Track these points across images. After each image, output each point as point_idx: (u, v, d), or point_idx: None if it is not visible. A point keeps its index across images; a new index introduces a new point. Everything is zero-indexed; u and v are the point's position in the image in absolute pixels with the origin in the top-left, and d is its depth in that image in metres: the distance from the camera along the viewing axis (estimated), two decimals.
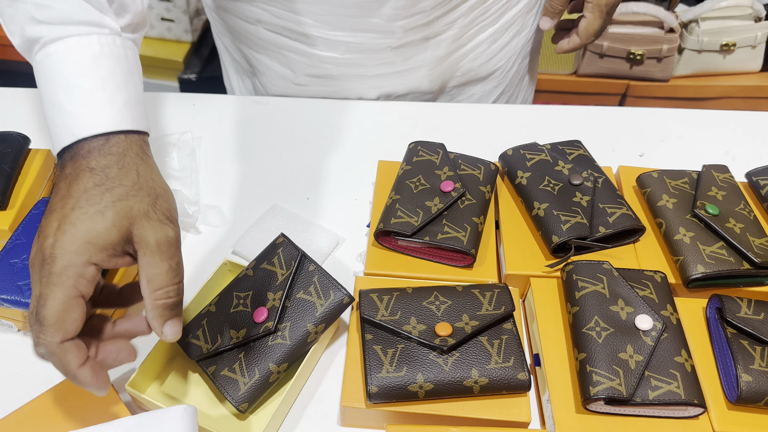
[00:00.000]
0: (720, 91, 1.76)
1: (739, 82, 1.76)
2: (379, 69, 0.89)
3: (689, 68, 1.74)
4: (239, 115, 0.92)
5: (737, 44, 1.69)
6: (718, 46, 1.69)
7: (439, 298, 0.62)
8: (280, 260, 0.63)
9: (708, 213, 0.69)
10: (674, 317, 0.62)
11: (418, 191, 0.71)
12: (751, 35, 1.69)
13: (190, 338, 0.61)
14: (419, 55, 0.88)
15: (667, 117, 0.95)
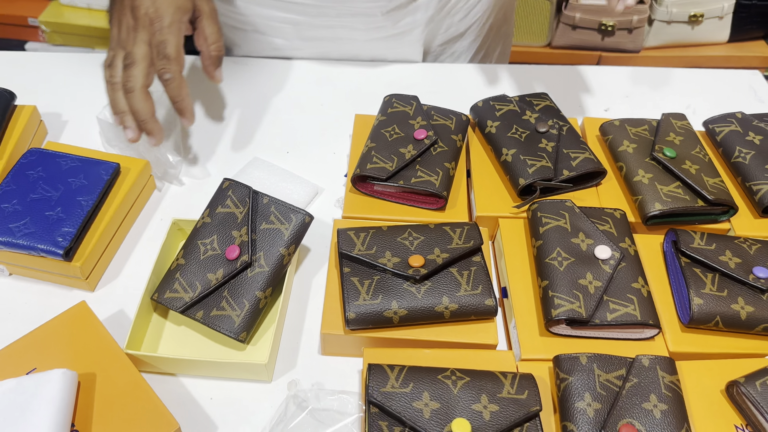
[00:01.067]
0: (689, 62, 1.82)
1: (707, 52, 1.81)
2: (371, 34, 0.92)
3: (659, 39, 1.79)
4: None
5: (705, 15, 1.74)
6: (686, 17, 1.74)
7: (413, 234, 0.66)
8: (234, 201, 0.66)
9: (665, 156, 0.74)
10: (632, 249, 0.67)
11: (392, 139, 0.75)
12: (718, 6, 1.74)
13: (168, 293, 0.63)
14: (409, 17, 0.91)
15: (633, 75, 0.99)
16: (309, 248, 0.74)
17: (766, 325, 0.62)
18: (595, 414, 0.54)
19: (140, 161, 0.75)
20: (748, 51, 1.83)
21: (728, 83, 0.99)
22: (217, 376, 0.63)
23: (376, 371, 0.55)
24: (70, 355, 0.59)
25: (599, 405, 0.55)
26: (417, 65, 0.98)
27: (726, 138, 0.79)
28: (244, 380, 0.63)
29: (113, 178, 0.73)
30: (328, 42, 0.94)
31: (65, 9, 1.78)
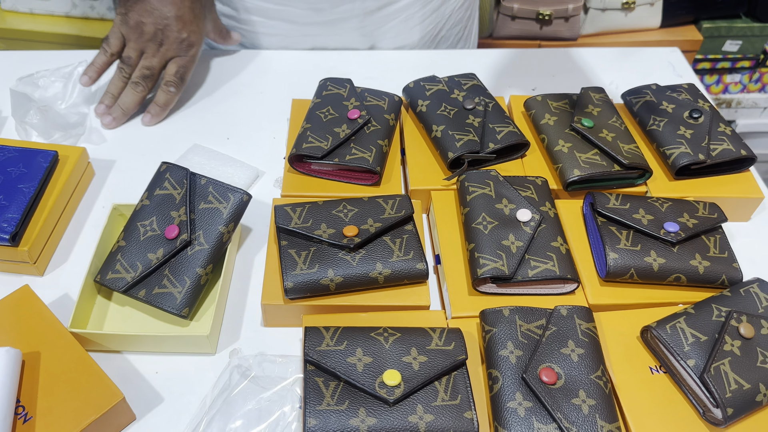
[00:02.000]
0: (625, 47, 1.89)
1: (641, 38, 1.89)
2: (310, 16, 0.95)
3: (595, 27, 1.86)
4: None
5: (637, 2, 1.81)
6: (619, 5, 1.81)
7: (347, 207, 0.69)
8: (171, 183, 0.68)
9: (584, 126, 0.79)
10: (552, 212, 0.71)
11: (327, 120, 0.78)
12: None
13: (110, 275, 0.65)
14: (347, 5, 0.94)
15: (560, 57, 1.04)
16: (251, 228, 0.76)
17: (677, 275, 0.67)
18: (517, 360, 0.58)
19: (77, 149, 0.77)
20: (680, 35, 1.90)
21: (649, 60, 1.05)
22: (162, 351, 0.65)
23: (311, 332, 0.58)
24: (14, 336, 0.60)
25: (521, 352, 0.59)
26: (356, 52, 1.01)
27: (642, 108, 0.84)
28: (188, 354, 0.65)
29: (52, 166, 0.74)
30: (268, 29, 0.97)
31: (7, 14, 1.76)
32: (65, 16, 1.79)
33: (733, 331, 0.60)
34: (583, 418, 0.54)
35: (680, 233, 0.68)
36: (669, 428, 0.57)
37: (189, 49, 0.88)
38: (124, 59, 0.87)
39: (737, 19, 1.93)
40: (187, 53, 0.88)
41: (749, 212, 0.80)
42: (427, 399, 0.55)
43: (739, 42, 1.95)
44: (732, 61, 2.00)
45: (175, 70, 0.87)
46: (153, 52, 0.86)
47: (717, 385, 0.56)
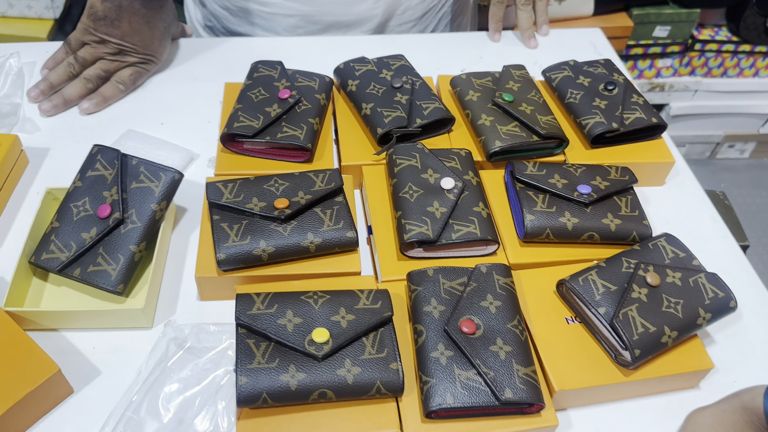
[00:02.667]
0: None
1: (576, 26, 1.95)
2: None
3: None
4: None
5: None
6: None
7: (278, 182, 0.71)
8: (103, 164, 0.70)
9: (504, 100, 0.83)
10: (474, 180, 0.75)
11: (258, 100, 0.80)
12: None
13: (45, 255, 0.66)
14: None
15: (487, 39, 1.08)
16: (186, 208, 0.78)
17: (590, 233, 0.71)
18: (440, 315, 0.61)
19: (9, 136, 0.77)
20: (612, 22, 1.98)
21: (572, 40, 1.10)
22: (98, 326, 0.66)
23: (243, 298, 0.60)
24: None
25: (444, 307, 0.62)
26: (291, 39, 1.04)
27: (560, 83, 0.89)
28: (125, 329, 0.66)
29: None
30: (286, 10, 1.00)
31: None
32: (2, 16, 1.76)
33: (641, 280, 0.65)
34: (500, 363, 0.58)
35: (592, 194, 0.72)
36: (583, 372, 0.61)
37: (147, 64, 0.92)
38: (78, 57, 0.88)
39: (665, 5, 2.02)
40: (144, 67, 0.91)
41: (663, 176, 0.86)
42: (354, 353, 0.58)
43: (668, 27, 2.04)
44: (662, 46, 2.09)
45: (130, 73, 0.90)
46: (113, 60, 0.89)
47: (625, 329, 0.61)
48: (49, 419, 0.59)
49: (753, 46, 2.12)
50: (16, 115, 0.85)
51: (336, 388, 0.56)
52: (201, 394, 0.59)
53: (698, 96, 2.27)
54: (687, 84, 2.22)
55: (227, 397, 0.59)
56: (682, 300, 0.64)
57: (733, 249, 0.80)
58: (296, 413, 0.57)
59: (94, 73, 0.88)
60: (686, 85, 2.22)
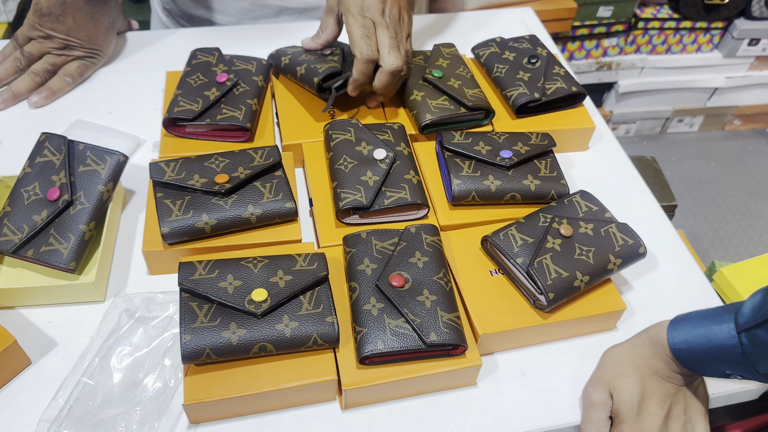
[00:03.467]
0: None
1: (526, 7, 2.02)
2: None
3: (478, 2, 1.98)
4: None
5: None
6: None
7: (219, 159, 0.76)
8: (51, 150, 0.74)
9: (434, 76, 0.88)
10: (406, 151, 0.80)
11: (197, 85, 0.84)
12: None
13: None
14: None
15: (423, 21, 1.14)
16: (134, 191, 0.82)
17: (512, 193, 0.77)
18: (372, 272, 0.67)
19: None
20: (556, 4, 2.04)
21: (504, 20, 1.16)
22: (53, 302, 0.70)
23: (185, 265, 0.64)
24: None
25: (375, 266, 0.67)
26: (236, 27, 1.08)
27: (487, 59, 0.94)
28: (79, 303, 0.70)
29: None
30: None
31: None
32: None
33: (555, 232, 0.70)
34: (426, 311, 0.63)
35: (513, 158, 0.78)
36: (505, 317, 0.67)
37: (94, 58, 0.96)
38: (24, 52, 0.92)
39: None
40: (91, 61, 0.95)
41: (586, 141, 0.92)
42: (292, 310, 0.63)
43: (611, 7, 2.11)
44: (607, 25, 2.16)
45: (76, 66, 0.94)
46: (59, 54, 0.92)
47: (540, 275, 0.66)
48: (8, 388, 0.63)
49: (693, 22, 2.20)
50: None
51: (275, 342, 0.61)
52: (150, 355, 0.64)
53: (645, 73, 2.36)
54: (633, 62, 2.30)
55: (174, 357, 0.63)
56: (593, 248, 0.70)
57: (651, 204, 0.87)
58: (239, 367, 0.61)
59: (41, 67, 0.91)
60: (633, 62, 2.30)
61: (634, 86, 2.38)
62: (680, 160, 2.52)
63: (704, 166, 2.51)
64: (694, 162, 2.52)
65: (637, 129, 2.56)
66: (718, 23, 2.22)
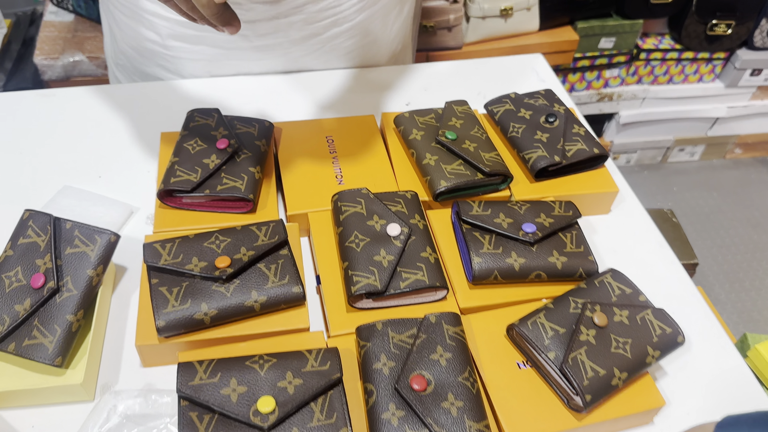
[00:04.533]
0: (507, 52, 1.97)
1: (522, 42, 1.98)
2: (236, 42, 0.95)
3: (477, 34, 1.94)
4: (24, 111, 0.93)
5: (514, 8, 1.90)
6: (498, 12, 1.89)
7: (219, 238, 0.70)
8: (35, 230, 0.67)
9: (447, 138, 0.82)
10: (421, 224, 0.74)
11: (195, 151, 0.78)
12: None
13: None
14: (272, 35, 0.93)
15: (431, 70, 1.08)
16: (126, 267, 0.75)
17: (537, 272, 0.71)
18: (390, 372, 0.60)
19: None
20: (558, 36, 2.01)
21: (514, 68, 1.11)
22: (38, 403, 0.63)
23: (184, 368, 0.58)
24: None
25: (393, 363, 0.61)
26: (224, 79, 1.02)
27: (502, 117, 0.89)
28: (66, 404, 0.64)
29: None
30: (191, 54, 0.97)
31: None
32: None
33: (588, 321, 0.65)
34: (453, 420, 0.57)
35: (537, 233, 0.72)
36: (537, 419, 0.61)
37: None
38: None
39: (609, 18, 2.05)
40: None
41: (608, 205, 0.86)
42: (302, 421, 0.57)
43: (613, 39, 2.08)
44: (609, 57, 2.12)
45: None
46: None
47: (575, 374, 0.60)
48: None
49: (695, 52, 2.17)
50: None
51: None
52: None
53: (646, 103, 2.32)
54: (635, 92, 2.27)
55: None
56: (630, 339, 0.64)
57: (681, 276, 0.81)
58: None
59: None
60: (634, 93, 2.27)
61: (636, 117, 2.34)
62: (682, 190, 2.49)
63: (706, 197, 2.47)
64: (696, 192, 2.48)
65: (638, 158, 2.52)
66: (720, 53, 2.19)
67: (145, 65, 1.02)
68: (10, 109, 0.93)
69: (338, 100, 0.99)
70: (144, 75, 1.04)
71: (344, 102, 0.99)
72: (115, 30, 1.02)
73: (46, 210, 0.79)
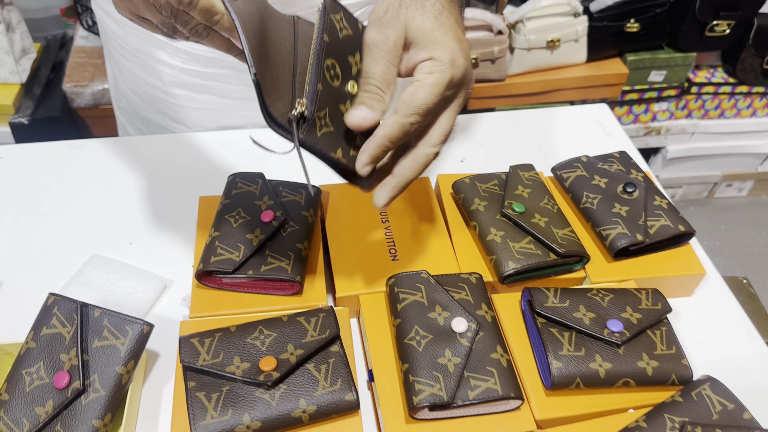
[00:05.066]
0: (553, 85, 1.89)
1: (569, 74, 1.89)
2: (243, 92, 0.89)
3: (522, 66, 1.85)
4: (51, 163, 0.87)
5: (561, 39, 1.81)
6: (544, 43, 1.81)
7: (264, 332, 0.62)
8: (60, 319, 0.60)
9: (515, 211, 0.74)
10: (489, 315, 0.65)
11: (238, 225, 0.71)
12: (573, 30, 1.82)
13: None
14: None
15: (484, 120, 1.00)
16: (158, 353, 0.68)
17: (625, 379, 0.62)
18: None
19: None
20: (606, 69, 1.92)
21: (577, 119, 1.02)
22: None
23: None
24: None
25: None
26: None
27: (573, 184, 0.80)
28: None
29: None
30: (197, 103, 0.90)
31: None
32: None
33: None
34: None
35: (625, 332, 0.63)
36: None
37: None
38: None
39: (660, 50, 1.96)
40: None
41: (692, 288, 0.77)
42: None
43: (664, 72, 1.98)
44: (658, 90, 2.03)
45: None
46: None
47: None
48: None
49: (750, 87, 2.06)
50: None
51: None
52: None
53: (695, 138, 2.22)
54: (684, 126, 2.16)
55: None
56: None
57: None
58: None
59: None
60: (683, 127, 2.16)
61: (683, 151, 2.23)
62: (729, 228, 2.37)
63: (755, 236, 2.34)
64: (744, 231, 2.36)
65: (683, 193, 2.41)
66: None
67: (146, 111, 0.96)
68: (37, 162, 0.87)
69: None
70: (145, 121, 0.98)
71: None
72: (117, 73, 0.96)
73: (73, 283, 0.72)
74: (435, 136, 0.56)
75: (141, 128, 1.01)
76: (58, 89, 1.74)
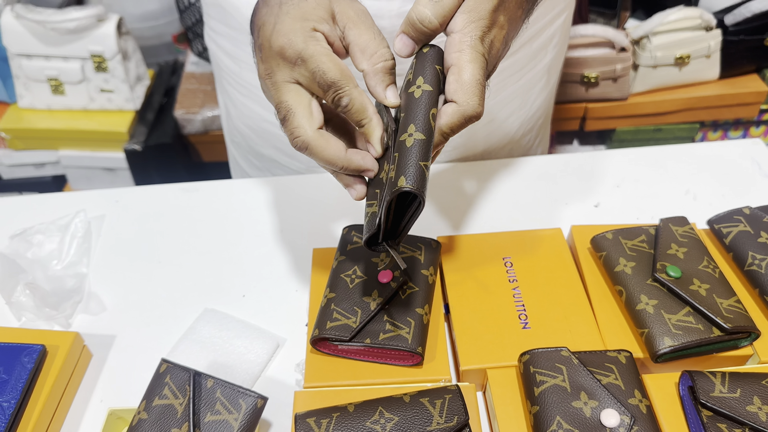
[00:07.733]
0: (681, 104, 1.73)
1: (699, 92, 1.72)
2: None
3: (646, 84, 1.71)
4: (165, 207, 0.85)
5: (691, 56, 1.66)
6: (672, 60, 1.66)
7: (385, 415, 0.56)
8: (172, 389, 0.57)
9: (670, 276, 0.64)
10: (644, 404, 0.56)
11: (354, 285, 0.65)
12: (704, 45, 1.65)
13: None
14: None
15: (619, 158, 0.90)
16: (270, 422, 0.63)
17: None
18: None
19: (69, 336, 0.66)
20: (742, 87, 1.73)
21: (726, 157, 0.90)
22: None
23: None
24: None
25: None
26: None
27: (735, 241, 0.69)
28: None
29: (38, 365, 0.63)
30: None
31: (24, 113, 1.72)
32: (83, 110, 1.73)
33: None
34: None
35: None
36: None
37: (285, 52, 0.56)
38: None
39: None
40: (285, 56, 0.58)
41: None
42: None
43: None
44: None
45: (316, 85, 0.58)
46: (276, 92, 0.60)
47: None
48: None
49: None
50: (80, 291, 0.74)
51: None
52: None
53: None
54: None
55: None
56: None
57: None
58: None
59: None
60: None
61: None
62: None
63: None
64: None
65: None
66: None
67: (260, 146, 0.93)
68: (151, 207, 0.86)
69: (499, 202, 0.83)
70: (259, 155, 0.95)
71: (507, 203, 0.83)
72: (230, 107, 0.94)
73: (185, 341, 0.69)
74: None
75: (254, 162, 0.99)
76: (170, 115, 1.78)
